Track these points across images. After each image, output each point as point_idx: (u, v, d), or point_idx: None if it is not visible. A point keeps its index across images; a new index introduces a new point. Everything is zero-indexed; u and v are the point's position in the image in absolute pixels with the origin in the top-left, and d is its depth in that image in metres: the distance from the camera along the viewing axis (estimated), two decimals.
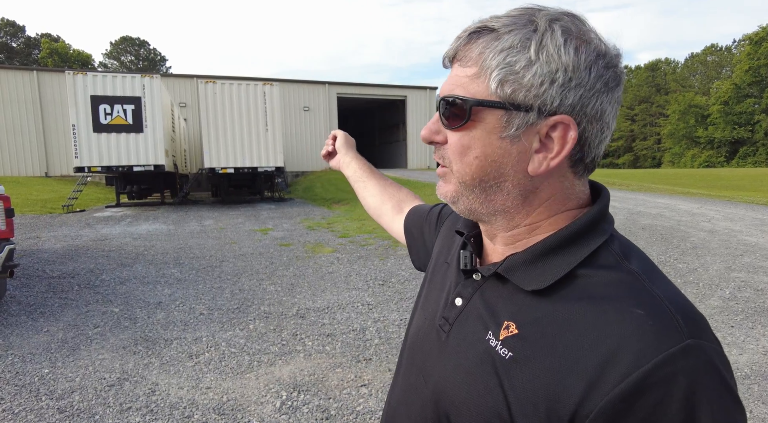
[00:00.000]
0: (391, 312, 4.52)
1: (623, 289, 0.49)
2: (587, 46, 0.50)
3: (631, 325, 0.46)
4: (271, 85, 14.87)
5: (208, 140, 14.33)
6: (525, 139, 0.52)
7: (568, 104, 0.50)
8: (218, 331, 4.10)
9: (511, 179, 0.54)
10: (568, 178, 0.55)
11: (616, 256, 0.52)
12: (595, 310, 0.48)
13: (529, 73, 0.50)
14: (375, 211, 1.12)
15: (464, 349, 0.57)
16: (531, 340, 0.51)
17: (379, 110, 31.12)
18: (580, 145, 0.52)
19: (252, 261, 6.85)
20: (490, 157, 0.54)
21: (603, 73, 0.50)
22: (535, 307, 0.52)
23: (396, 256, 6.93)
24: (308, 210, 13.27)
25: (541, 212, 0.56)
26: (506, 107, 0.51)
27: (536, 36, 0.50)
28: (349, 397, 2.94)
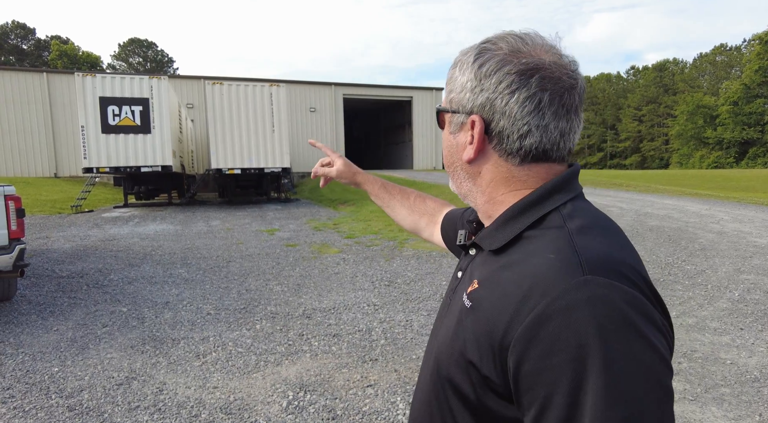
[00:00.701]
0: (397, 313, 4.52)
1: (550, 242, 0.59)
2: (491, 59, 0.63)
3: (543, 266, 0.56)
4: (278, 86, 14.92)
5: (215, 141, 14.40)
6: (462, 134, 0.68)
7: (478, 105, 0.64)
8: (225, 330, 4.12)
9: (459, 165, 0.71)
10: (502, 165, 0.66)
11: (561, 218, 0.61)
12: (525, 259, 0.59)
13: (456, 84, 0.68)
14: (413, 231, 1.21)
15: (453, 310, 0.69)
16: (482, 291, 0.62)
17: (385, 111, 31.13)
18: (499, 138, 0.64)
19: (258, 261, 6.88)
20: (447, 149, 0.73)
21: (504, 79, 0.62)
22: (491, 265, 0.64)
23: (402, 257, 6.94)
24: (314, 211, 13.30)
25: (491, 192, 0.68)
26: (448, 111, 0.70)
27: (463, 56, 0.68)
28: (355, 397, 2.95)
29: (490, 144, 0.65)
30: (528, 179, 0.66)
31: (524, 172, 0.66)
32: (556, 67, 0.62)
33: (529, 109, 0.62)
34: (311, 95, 25.12)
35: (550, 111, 0.62)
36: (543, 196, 0.64)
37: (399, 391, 3.00)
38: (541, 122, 0.62)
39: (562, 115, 0.63)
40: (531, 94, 0.61)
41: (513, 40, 0.64)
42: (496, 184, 0.68)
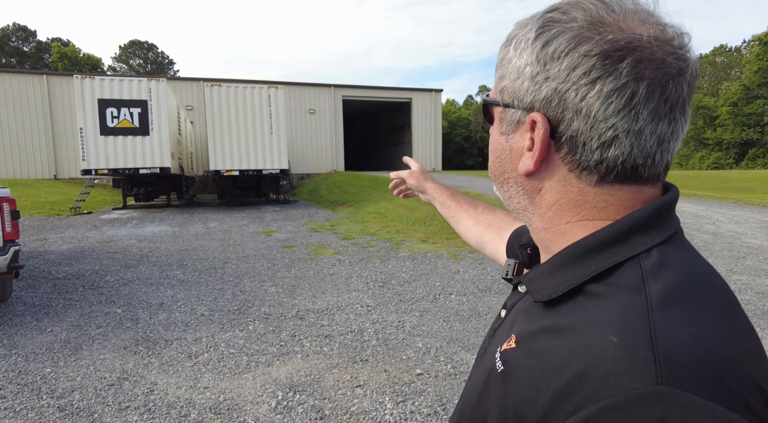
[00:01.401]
0: (389, 313, 4.54)
1: (617, 312, 0.41)
2: (561, 35, 0.46)
3: (597, 353, 0.39)
4: (276, 88, 14.97)
5: (213, 143, 14.45)
6: (518, 136, 0.51)
7: (541, 99, 0.47)
8: (218, 331, 4.15)
9: (511, 177, 0.54)
10: (573, 183, 0.48)
11: (641, 274, 0.44)
12: (579, 329, 0.42)
13: (510, 68, 0.50)
14: (476, 245, 1.04)
15: (485, 360, 0.57)
16: (520, 356, 0.47)
17: (385, 112, 31.21)
18: (570, 145, 0.47)
19: (254, 263, 6.91)
20: (494, 152, 0.56)
21: (580, 63, 0.44)
22: (537, 321, 0.49)
23: (397, 258, 6.96)
24: (312, 212, 13.33)
25: (553, 217, 0.51)
26: (499, 103, 0.53)
27: (521, 30, 0.50)
28: (343, 397, 2.97)
29: (557, 153, 0.48)
30: (606, 207, 0.48)
31: (602, 196, 0.48)
32: (658, 44, 0.44)
33: (616, 107, 0.44)
34: (310, 97, 25.18)
35: (647, 109, 0.44)
36: (619, 235, 0.46)
37: (388, 391, 3.02)
38: (633, 125, 0.44)
39: (663, 114, 0.45)
40: (620, 85, 0.44)
41: (592, 5, 0.46)
42: (562, 208, 0.50)
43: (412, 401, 2.90)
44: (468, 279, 5.74)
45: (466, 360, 3.48)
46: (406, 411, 2.79)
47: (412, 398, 2.94)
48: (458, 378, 3.20)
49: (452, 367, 3.36)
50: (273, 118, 14.88)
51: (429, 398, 2.94)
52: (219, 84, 14.54)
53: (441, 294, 5.16)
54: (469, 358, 3.51)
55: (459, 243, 7.87)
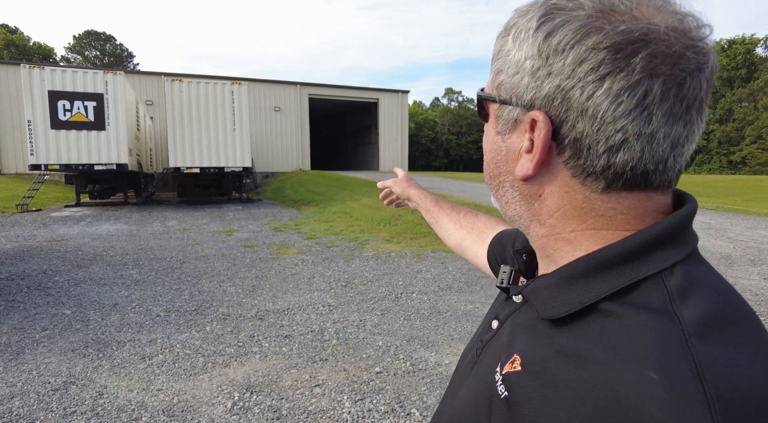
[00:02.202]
0: (351, 313, 4.54)
1: (650, 342, 0.36)
2: (566, 25, 0.41)
3: (635, 393, 0.34)
4: (240, 84, 14.70)
5: (173, 139, 14.04)
6: (515, 136, 0.46)
7: (542, 96, 0.42)
8: (174, 332, 4.04)
9: (507, 180, 0.49)
10: (576, 189, 0.44)
11: (666, 295, 0.39)
12: (605, 362, 0.37)
13: (508, 61, 0.45)
14: (457, 250, 1.01)
15: (477, 378, 0.52)
16: (528, 382, 0.42)
17: (352, 112, 31.16)
18: (574, 148, 0.42)
19: (214, 262, 6.76)
20: (490, 153, 0.51)
21: (587, 57, 0.39)
22: (546, 342, 0.43)
23: (361, 258, 6.96)
24: (276, 211, 13.16)
25: (555, 225, 0.47)
26: (495, 99, 0.47)
27: (521, 19, 0.44)
28: (302, 397, 2.95)
29: (559, 156, 0.43)
30: (615, 215, 0.44)
31: (609, 203, 0.43)
32: (676, 36, 0.39)
33: (626, 107, 0.39)
34: (276, 94, 24.84)
35: (661, 110, 0.40)
36: (640, 250, 0.42)
37: (346, 390, 3.02)
38: (645, 128, 0.40)
39: (679, 115, 0.40)
40: (632, 82, 0.39)
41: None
42: (565, 215, 0.46)
43: (370, 399, 2.92)
44: (430, 278, 5.81)
45: (425, 357, 3.52)
46: (364, 409, 2.80)
47: (371, 396, 2.95)
48: (416, 375, 3.23)
49: (411, 365, 3.39)
50: (236, 114, 14.60)
51: (387, 396, 2.96)
52: (180, 79, 14.15)
53: (403, 293, 5.21)
54: (428, 355, 3.56)
55: (422, 243, 7.96)
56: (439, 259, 6.79)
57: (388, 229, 9.12)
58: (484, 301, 4.91)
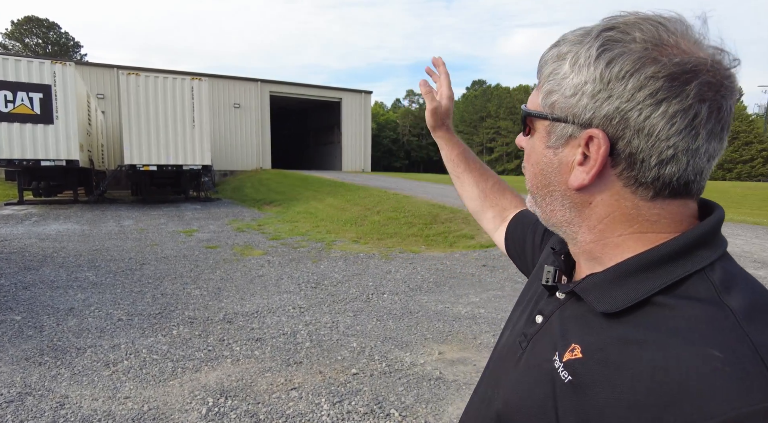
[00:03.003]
0: (323, 314, 4.51)
1: (708, 326, 0.42)
2: (625, 56, 0.47)
3: (702, 368, 0.39)
4: (200, 79, 14.26)
5: (129, 135, 13.44)
6: (568, 150, 0.52)
7: (601, 116, 0.48)
8: (139, 337, 3.87)
9: (557, 190, 0.54)
10: (627, 197, 0.50)
11: (712, 287, 0.45)
12: (667, 344, 0.43)
13: (566, 83, 0.50)
14: (474, 214, 1.06)
15: (532, 367, 0.56)
16: (593, 367, 0.47)
17: (314, 111, 30.84)
18: (629, 162, 0.48)
19: (175, 264, 6.53)
20: (538, 165, 0.56)
21: (646, 84, 0.46)
22: (604, 332, 0.49)
23: (329, 259, 6.92)
24: (237, 211, 12.85)
25: (604, 230, 0.52)
26: (549, 117, 0.53)
27: (577, 48, 0.50)
28: (278, 401, 2.91)
29: (613, 168, 0.49)
30: (659, 220, 0.50)
31: (655, 210, 0.50)
32: (717, 68, 0.46)
33: (679, 127, 0.46)
34: (236, 91, 24.24)
35: (705, 129, 0.46)
36: (684, 249, 0.48)
37: (323, 393, 3.00)
38: (692, 145, 0.47)
39: (716, 134, 0.47)
40: (686, 106, 0.45)
41: (651, 26, 0.47)
42: (614, 221, 0.51)
43: (348, 401, 2.91)
44: (399, 278, 5.85)
45: (401, 358, 3.55)
46: (343, 411, 2.79)
47: (349, 398, 2.95)
48: (393, 376, 3.25)
49: (387, 366, 3.41)
50: (196, 111, 14.15)
51: (365, 397, 2.96)
52: (137, 73, 13.56)
53: (374, 294, 5.21)
54: (403, 355, 3.59)
55: (390, 243, 8.00)
56: (407, 260, 6.85)
57: (355, 230, 9.10)
58: (454, 300, 4.99)
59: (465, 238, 7.99)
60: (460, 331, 4.14)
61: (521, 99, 65.29)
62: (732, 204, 13.47)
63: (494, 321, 4.36)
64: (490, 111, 57.68)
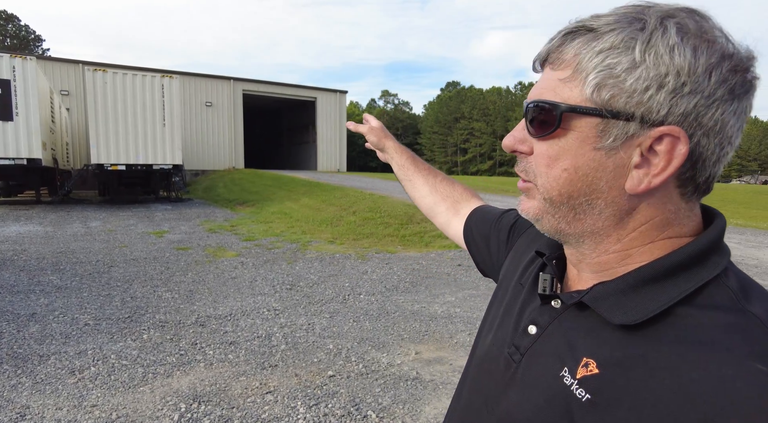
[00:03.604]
0: (299, 316, 4.46)
1: (739, 336, 0.40)
2: (709, 47, 0.42)
3: (749, 384, 0.37)
4: (171, 77, 13.92)
5: (96, 134, 13.00)
6: (623, 151, 0.45)
7: (678, 113, 0.43)
8: (107, 342, 3.74)
9: (605, 197, 0.47)
10: (674, 200, 0.47)
11: (732, 295, 0.43)
12: (700, 358, 0.40)
13: (632, 76, 0.43)
14: (427, 212, 1.04)
15: (535, 383, 0.51)
16: (614, 384, 0.44)
17: (288, 110, 30.54)
18: (692, 162, 0.44)
19: (145, 266, 6.35)
20: (581, 170, 0.47)
21: (727, 78, 0.42)
22: (621, 345, 0.45)
23: (305, 260, 6.85)
24: (209, 211, 12.60)
25: (635, 238, 0.48)
26: (603, 114, 0.45)
27: (643, 35, 0.43)
28: (253, 405, 2.85)
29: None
30: (688, 222, 0.48)
31: (687, 211, 0.48)
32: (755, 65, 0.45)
33: (741, 124, 0.45)
34: (208, 89, 23.78)
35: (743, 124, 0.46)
36: (699, 256, 0.46)
37: (299, 396, 2.96)
38: (737, 140, 0.45)
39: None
40: (749, 102, 0.45)
41: (698, 17, 0.44)
42: (651, 227, 0.47)
43: (325, 404, 2.88)
44: (376, 279, 5.84)
45: (377, 359, 3.54)
46: (320, 414, 2.77)
47: (325, 400, 2.92)
48: (370, 377, 3.24)
49: (364, 367, 3.39)
50: (166, 109, 13.80)
51: (342, 399, 2.94)
52: (104, 69, 13.15)
53: (350, 294, 5.19)
54: (380, 356, 3.57)
55: (365, 243, 7.98)
56: (383, 260, 6.84)
57: (331, 230, 9.05)
58: (430, 300, 5.01)
59: (440, 238, 8.04)
60: (437, 330, 4.15)
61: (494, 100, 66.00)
62: None
63: (470, 320, 4.39)
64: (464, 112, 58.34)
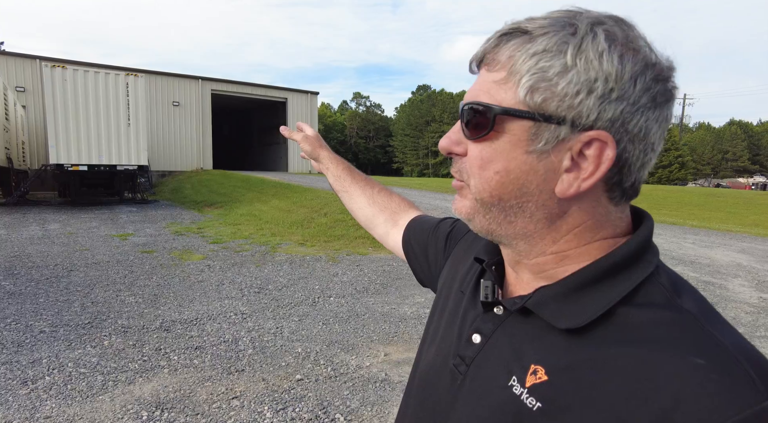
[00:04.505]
0: (267, 320, 4.40)
1: (677, 332, 0.42)
2: (634, 55, 0.43)
3: (691, 378, 0.38)
4: (136, 76, 13.52)
5: (55, 133, 12.49)
6: (554, 155, 0.46)
7: (606, 119, 0.43)
8: (64, 350, 3.60)
9: (535, 200, 0.48)
10: (603, 203, 0.48)
11: (665, 292, 0.45)
12: (644, 356, 0.41)
13: (563, 80, 0.43)
14: (365, 224, 1.02)
15: (483, 395, 0.51)
16: (564, 389, 0.44)
17: (258, 111, 30.10)
18: (619, 167, 0.45)
19: (108, 270, 6.13)
20: (512, 173, 0.47)
21: (651, 87, 0.43)
22: (567, 350, 0.46)
23: (274, 263, 6.76)
24: (176, 213, 12.29)
25: (570, 240, 0.49)
26: (535, 118, 0.45)
27: (575, 40, 0.44)
28: (219, 410, 2.80)
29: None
30: (620, 224, 0.49)
31: (619, 214, 0.49)
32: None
33: (663, 131, 0.46)
34: (175, 88, 23.19)
35: (665, 131, 0.47)
36: (634, 255, 0.47)
37: (266, 400, 2.93)
38: (659, 147, 0.47)
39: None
40: (670, 111, 0.46)
41: (625, 26, 0.45)
42: (585, 229, 0.48)
43: (292, 408, 2.85)
44: (346, 281, 5.82)
45: (346, 361, 3.52)
46: (287, 418, 2.74)
47: (293, 405, 2.89)
48: (338, 380, 3.22)
49: (332, 370, 3.38)
50: (131, 108, 13.39)
51: (310, 403, 2.91)
52: (63, 65, 12.64)
53: (320, 297, 5.15)
54: (349, 359, 3.56)
55: (337, 246, 7.95)
56: (354, 262, 6.83)
57: (301, 232, 8.97)
58: (400, 302, 5.03)
59: None
60: (406, 331, 4.17)
61: None
62: (654, 205, 14.56)
63: None
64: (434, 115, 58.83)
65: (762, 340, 4.16)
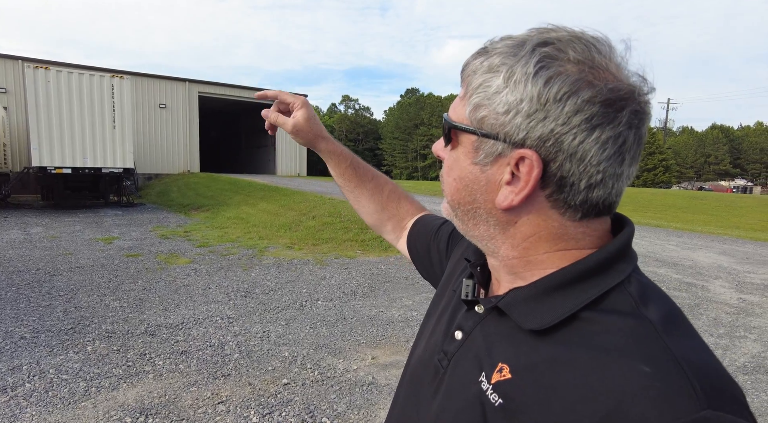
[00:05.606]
0: (253, 324, 4.37)
1: (632, 340, 0.43)
2: (562, 77, 0.45)
3: (633, 385, 0.40)
4: (122, 77, 13.37)
5: (37, 135, 12.28)
6: (495, 168, 0.49)
7: (535, 137, 0.46)
8: (45, 356, 3.54)
9: (483, 207, 0.52)
10: (554, 218, 0.49)
11: (631, 301, 0.46)
12: (596, 361, 0.43)
13: (498, 99, 0.47)
14: (374, 229, 1.03)
15: (458, 389, 0.54)
16: (523, 389, 0.46)
17: (246, 113, 29.93)
18: (558, 185, 0.47)
19: (92, 274, 6.05)
20: (463, 181, 0.53)
21: (582, 108, 0.44)
22: (532, 350, 0.48)
23: (261, 266, 6.73)
24: (162, 217, 12.16)
25: (528, 247, 0.51)
26: (477, 133, 0.49)
27: (512, 61, 0.47)
28: (204, 416, 2.78)
29: (542, 190, 0.48)
30: (583, 238, 0.51)
31: (581, 229, 0.50)
32: (642, 95, 0.47)
33: (609, 153, 0.46)
34: (162, 90, 22.98)
35: (630, 155, 0.47)
36: (605, 264, 0.49)
37: (253, 405, 2.91)
38: (618, 170, 0.47)
39: (636, 158, 0.49)
40: (617, 133, 0.45)
41: (584, 46, 0.46)
42: (540, 240, 0.51)
43: (279, 412, 2.84)
44: (334, 284, 5.81)
45: (333, 365, 3.52)
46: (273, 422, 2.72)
47: (279, 409, 2.88)
48: (325, 383, 3.22)
49: (319, 374, 3.37)
50: (117, 110, 13.22)
51: (296, 407, 2.90)
52: (46, 66, 12.46)
53: (308, 300, 5.14)
54: (336, 362, 3.56)
55: (325, 249, 7.93)
56: (342, 265, 6.82)
57: (289, 235, 8.93)
58: (388, 305, 5.04)
59: None
60: (393, 334, 4.18)
61: None
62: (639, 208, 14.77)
63: None
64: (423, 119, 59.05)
65: (741, 340, 4.25)
